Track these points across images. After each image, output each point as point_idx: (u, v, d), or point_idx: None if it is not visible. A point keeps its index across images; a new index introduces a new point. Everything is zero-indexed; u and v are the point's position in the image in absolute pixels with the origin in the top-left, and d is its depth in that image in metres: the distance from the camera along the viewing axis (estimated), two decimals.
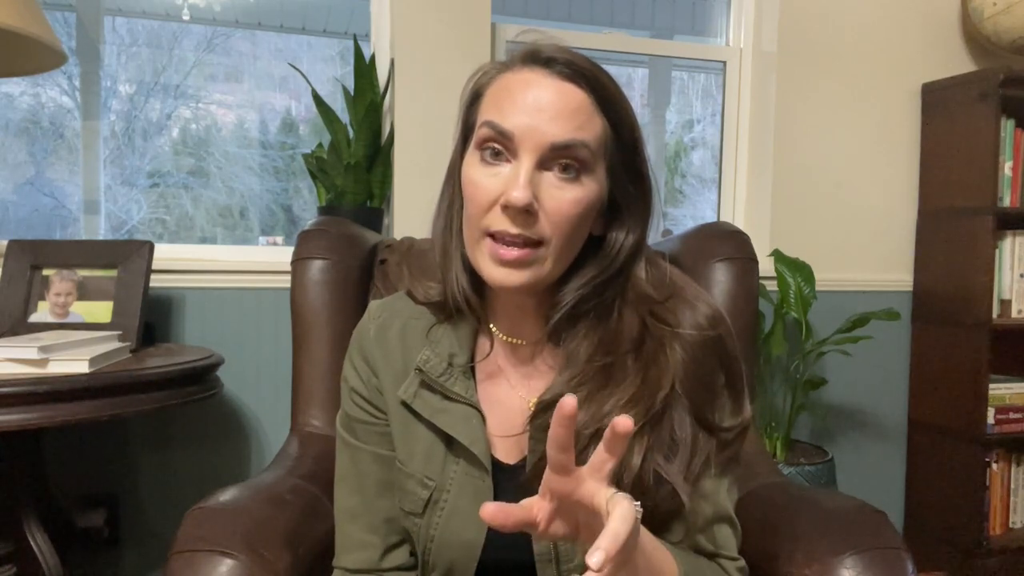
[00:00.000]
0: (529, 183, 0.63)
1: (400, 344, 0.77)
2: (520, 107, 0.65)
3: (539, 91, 0.65)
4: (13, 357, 1.14)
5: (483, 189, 0.66)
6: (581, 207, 0.66)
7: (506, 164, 0.66)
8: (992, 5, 2.09)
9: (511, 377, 0.76)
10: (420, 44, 1.79)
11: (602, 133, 0.67)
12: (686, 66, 2.49)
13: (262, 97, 2.17)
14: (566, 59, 0.66)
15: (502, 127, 0.65)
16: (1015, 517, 2.14)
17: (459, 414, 0.73)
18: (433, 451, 0.74)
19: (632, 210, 0.71)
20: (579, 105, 0.65)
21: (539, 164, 0.65)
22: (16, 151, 1.95)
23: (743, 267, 1.31)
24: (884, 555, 0.80)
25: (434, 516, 0.73)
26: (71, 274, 1.51)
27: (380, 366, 0.77)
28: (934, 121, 2.18)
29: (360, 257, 1.29)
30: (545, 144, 0.64)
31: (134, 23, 2.00)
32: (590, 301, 0.71)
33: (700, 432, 0.68)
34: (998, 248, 2.02)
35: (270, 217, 2.22)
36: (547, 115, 0.64)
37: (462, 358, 0.75)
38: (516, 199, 0.63)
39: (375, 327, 0.79)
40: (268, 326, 1.73)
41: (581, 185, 0.66)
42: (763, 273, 1.68)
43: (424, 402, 0.74)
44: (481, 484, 0.72)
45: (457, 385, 0.73)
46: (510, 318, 0.76)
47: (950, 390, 2.10)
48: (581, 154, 0.65)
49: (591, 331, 0.71)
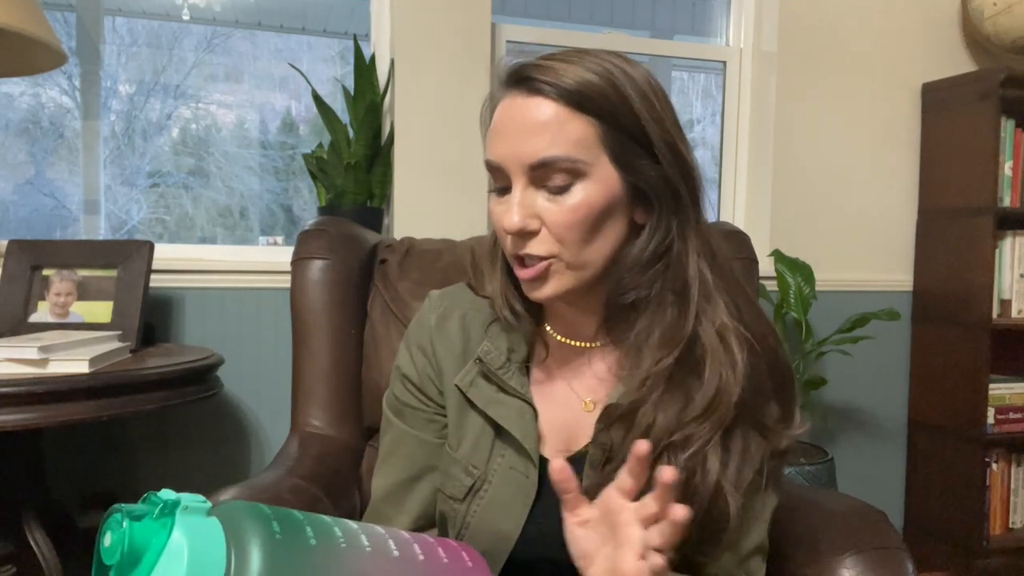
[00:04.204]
0: (520, 205, 0.66)
1: (460, 332, 0.79)
2: (500, 135, 0.67)
3: (512, 113, 0.67)
4: (13, 357, 1.14)
5: (496, 219, 0.70)
6: (582, 212, 0.66)
7: (509, 194, 0.68)
8: (992, 5, 2.09)
9: (567, 377, 0.77)
10: (420, 44, 1.79)
11: (586, 133, 0.65)
12: (686, 66, 2.49)
13: (262, 97, 2.17)
14: (539, 74, 0.65)
15: (491, 161, 0.69)
16: (1015, 517, 2.13)
17: (513, 407, 0.74)
18: (482, 440, 0.75)
19: (659, 195, 0.68)
20: (547, 118, 0.65)
21: (531, 183, 0.66)
22: (16, 151, 1.95)
23: (743, 267, 1.31)
24: (884, 555, 0.80)
25: (473, 504, 0.74)
26: (71, 274, 1.51)
27: (441, 354, 0.79)
28: (934, 121, 2.18)
29: (360, 257, 1.29)
30: (524, 165, 0.66)
31: (134, 23, 2.00)
32: (640, 291, 0.69)
33: (754, 438, 0.68)
34: (998, 248, 2.02)
35: (270, 217, 2.22)
36: (521, 136, 0.66)
37: (520, 354, 0.76)
38: (508, 224, 0.66)
39: (436, 316, 0.81)
40: (268, 326, 1.73)
41: (575, 193, 0.66)
42: (763, 273, 1.69)
43: (480, 391, 0.75)
44: (525, 480, 0.73)
45: (513, 379, 0.74)
46: (565, 319, 0.76)
47: (950, 390, 2.10)
48: (563, 166, 0.65)
49: (649, 327, 0.69)
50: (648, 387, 0.67)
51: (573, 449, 0.73)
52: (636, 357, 0.69)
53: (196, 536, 0.40)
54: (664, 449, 0.65)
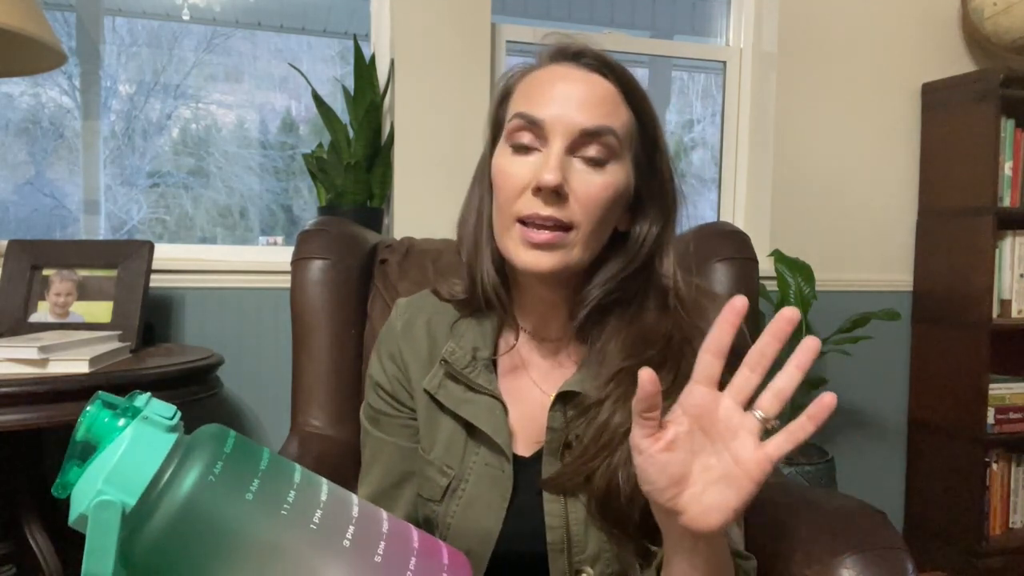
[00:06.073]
0: (559, 166, 0.66)
1: (426, 336, 0.79)
2: (550, 97, 0.68)
3: (568, 82, 0.68)
4: (13, 357, 1.14)
5: (514, 176, 0.68)
6: (610, 192, 0.68)
7: (536, 153, 0.68)
8: (992, 5, 2.09)
9: (534, 372, 0.78)
10: (420, 44, 1.79)
11: (628, 124, 0.69)
12: (686, 66, 2.48)
13: (262, 97, 2.17)
14: (594, 53, 0.69)
15: (533, 116, 0.67)
16: (1015, 517, 2.14)
17: (483, 405, 0.74)
18: (454, 440, 0.76)
19: (655, 204, 0.73)
20: (606, 94, 0.68)
21: (569, 150, 0.67)
22: (16, 151, 1.95)
23: (743, 267, 1.31)
24: (884, 555, 0.80)
25: (452, 504, 0.74)
26: (71, 274, 1.51)
27: (408, 359, 0.79)
28: (934, 121, 2.18)
29: (360, 257, 1.29)
30: (575, 130, 0.66)
31: (134, 23, 2.00)
32: (614, 294, 0.72)
33: None
34: (998, 248, 2.02)
35: (270, 217, 2.22)
36: (576, 103, 0.67)
37: (485, 351, 0.76)
38: (547, 180, 0.65)
39: (402, 323, 0.81)
40: (268, 326, 1.73)
41: (609, 171, 0.68)
42: (763, 273, 1.68)
43: (448, 393, 0.76)
44: (500, 475, 0.73)
45: (481, 377, 0.75)
46: (537, 314, 0.77)
47: (950, 390, 2.10)
48: (609, 141, 0.67)
49: (620, 330, 0.72)
50: (612, 386, 0.69)
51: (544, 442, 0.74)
52: (602, 355, 0.71)
53: (137, 447, 0.41)
54: (620, 441, 0.66)
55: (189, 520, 0.40)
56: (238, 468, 0.42)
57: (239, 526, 0.41)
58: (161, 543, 0.40)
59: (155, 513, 0.40)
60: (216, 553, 0.40)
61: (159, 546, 0.40)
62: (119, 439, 0.41)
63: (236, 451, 0.43)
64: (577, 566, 0.70)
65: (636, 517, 0.67)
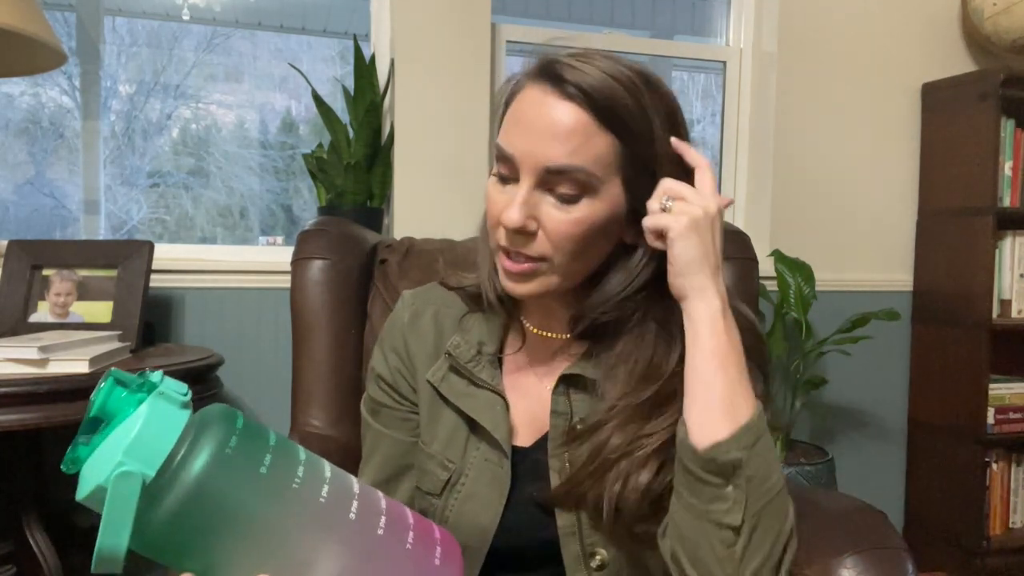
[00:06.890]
0: (524, 204, 0.65)
1: (433, 329, 0.80)
2: (522, 129, 0.66)
3: (540, 111, 0.65)
4: (13, 357, 1.14)
5: (493, 205, 0.68)
6: (583, 227, 0.66)
7: (513, 184, 0.67)
8: (992, 5, 2.09)
9: (538, 368, 0.78)
10: (420, 44, 1.79)
11: (608, 151, 0.65)
12: (686, 66, 2.48)
13: (262, 97, 2.17)
14: (575, 77, 0.64)
15: (505, 151, 0.66)
16: (1015, 517, 2.13)
17: (484, 400, 0.75)
18: (456, 434, 0.76)
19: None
20: (575, 127, 0.64)
21: (538, 185, 0.65)
22: (16, 151, 1.95)
23: (743, 267, 1.31)
24: (884, 555, 0.80)
25: (451, 499, 0.75)
26: (71, 274, 1.51)
27: (414, 350, 0.80)
28: (934, 121, 2.18)
29: (360, 257, 1.29)
30: (540, 168, 0.64)
31: (134, 23, 2.00)
32: (620, 313, 0.70)
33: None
34: (998, 248, 2.02)
35: (270, 217, 2.22)
36: (548, 136, 0.64)
37: (491, 347, 0.77)
38: (507, 220, 0.65)
39: (409, 314, 0.81)
40: (268, 326, 1.73)
41: (582, 206, 0.65)
42: (763, 273, 1.68)
43: (451, 386, 0.76)
44: (499, 471, 0.73)
45: (484, 372, 0.75)
46: (540, 313, 0.77)
47: (950, 390, 2.10)
48: (578, 177, 0.64)
49: (629, 354, 0.70)
50: (615, 413, 0.68)
51: (544, 431, 0.74)
52: (610, 380, 0.70)
53: (155, 421, 0.41)
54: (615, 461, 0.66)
55: (207, 493, 0.40)
56: (251, 443, 0.43)
57: (255, 499, 0.41)
58: (179, 517, 0.40)
59: (173, 486, 0.40)
60: (232, 526, 0.40)
61: (176, 520, 0.40)
62: (136, 413, 0.41)
63: (247, 428, 0.44)
64: (590, 548, 0.70)
65: (637, 530, 0.67)
